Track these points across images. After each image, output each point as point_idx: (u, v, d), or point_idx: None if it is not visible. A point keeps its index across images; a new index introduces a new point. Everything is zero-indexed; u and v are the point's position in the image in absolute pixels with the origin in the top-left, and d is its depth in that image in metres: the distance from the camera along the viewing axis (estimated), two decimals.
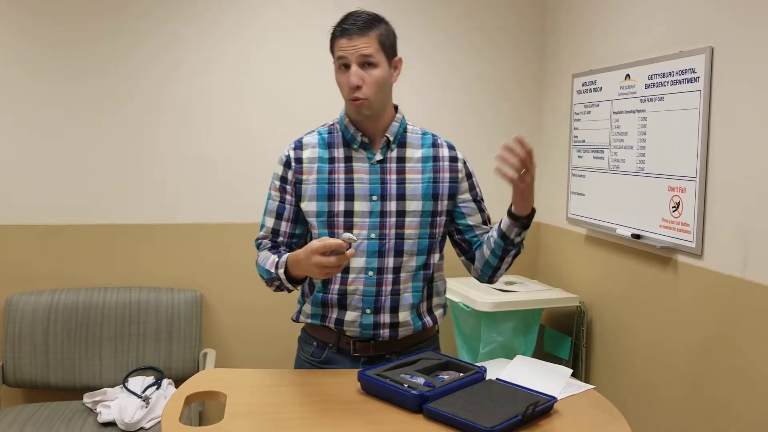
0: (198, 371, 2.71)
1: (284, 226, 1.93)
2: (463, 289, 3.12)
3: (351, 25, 1.80)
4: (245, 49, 3.27)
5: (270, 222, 1.94)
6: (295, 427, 1.52)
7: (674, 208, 2.56)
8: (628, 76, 2.85)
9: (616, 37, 2.97)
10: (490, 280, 1.99)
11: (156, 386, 2.92)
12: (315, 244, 1.65)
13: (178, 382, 2.98)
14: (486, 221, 2.02)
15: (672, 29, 2.61)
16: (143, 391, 2.86)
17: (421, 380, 1.66)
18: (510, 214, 1.82)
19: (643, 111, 2.74)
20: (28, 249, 3.13)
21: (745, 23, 2.25)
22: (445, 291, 2.03)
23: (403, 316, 1.90)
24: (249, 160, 3.28)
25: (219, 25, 3.24)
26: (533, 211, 1.83)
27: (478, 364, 1.80)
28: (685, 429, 2.53)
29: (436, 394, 1.60)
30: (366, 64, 1.80)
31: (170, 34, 3.20)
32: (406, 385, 1.62)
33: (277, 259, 1.84)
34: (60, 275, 3.15)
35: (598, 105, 3.07)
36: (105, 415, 2.72)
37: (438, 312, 2.00)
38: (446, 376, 1.74)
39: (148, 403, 2.77)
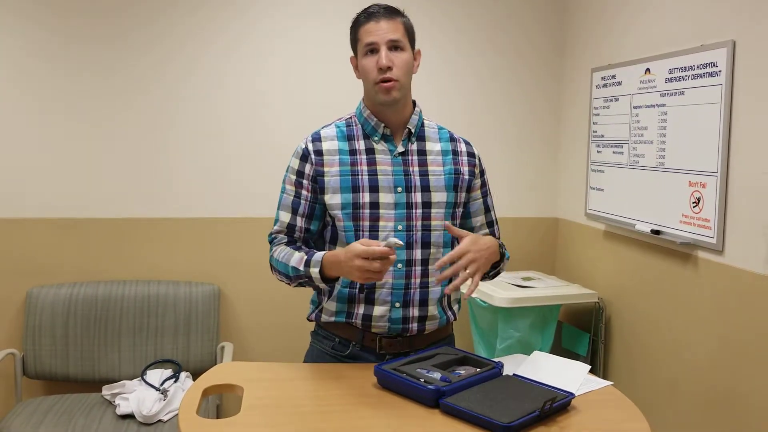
0: (215, 364, 2.72)
1: (299, 222, 1.89)
2: (480, 285, 3.09)
3: (377, 11, 1.84)
4: (261, 45, 3.28)
5: (285, 217, 1.91)
6: (311, 421, 1.53)
7: (695, 204, 2.53)
8: (648, 70, 2.82)
9: (636, 31, 2.94)
10: None
11: (174, 379, 2.94)
12: (358, 247, 1.64)
13: (195, 375, 2.99)
14: (492, 222, 2.03)
15: (693, 23, 2.58)
16: (161, 384, 2.88)
17: (437, 375, 1.66)
18: None
19: (664, 105, 2.71)
20: (48, 242, 3.15)
21: None
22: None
23: (432, 309, 1.89)
24: (267, 154, 3.28)
25: (236, 22, 3.25)
26: (502, 256, 1.95)
27: (495, 360, 1.79)
28: (705, 427, 2.51)
29: (453, 389, 1.59)
30: (394, 47, 1.81)
31: (187, 30, 3.21)
32: (422, 380, 1.62)
33: (305, 257, 1.80)
34: (80, 268, 3.18)
35: (617, 99, 3.04)
36: (123, 407, 2.74)
37: (455, 307, 2.00)
38: (463, 371, 1.73)
39: (166, 396, 2.79)
